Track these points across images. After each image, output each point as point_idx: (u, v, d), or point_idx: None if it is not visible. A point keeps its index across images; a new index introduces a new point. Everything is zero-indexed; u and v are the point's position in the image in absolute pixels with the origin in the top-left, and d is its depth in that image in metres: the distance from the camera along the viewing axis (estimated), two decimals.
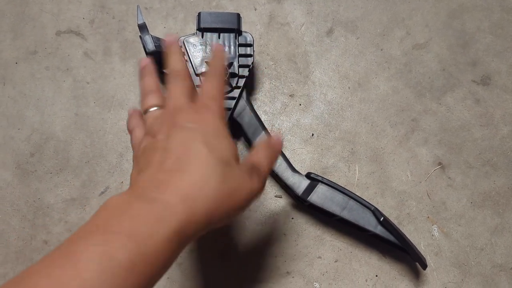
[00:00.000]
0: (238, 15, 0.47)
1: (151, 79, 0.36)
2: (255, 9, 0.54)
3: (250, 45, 0.47)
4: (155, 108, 0.34)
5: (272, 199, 0.48)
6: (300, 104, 0.52)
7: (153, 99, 0.34)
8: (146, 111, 0.34)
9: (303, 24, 0.54)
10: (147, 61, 0.36)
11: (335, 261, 0.46)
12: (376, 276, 0.46)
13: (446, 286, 0.46)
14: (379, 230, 0.43)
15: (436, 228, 0.48)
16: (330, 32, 0.54)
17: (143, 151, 0.30)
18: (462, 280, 0.46)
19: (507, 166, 0.50)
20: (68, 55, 0.52)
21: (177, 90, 0.33)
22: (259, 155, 0.32)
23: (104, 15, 0.53)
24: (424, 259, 0.43)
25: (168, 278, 0.45)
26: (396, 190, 0.49)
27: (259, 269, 0.46)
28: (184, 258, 0.46)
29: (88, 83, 0.51)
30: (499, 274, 0.47)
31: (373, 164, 0.50)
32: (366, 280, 0.46)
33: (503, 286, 0.46)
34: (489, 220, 0.48)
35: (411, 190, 0.49)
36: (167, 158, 0.27)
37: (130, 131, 0.36)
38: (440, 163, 0.50)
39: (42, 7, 0.53)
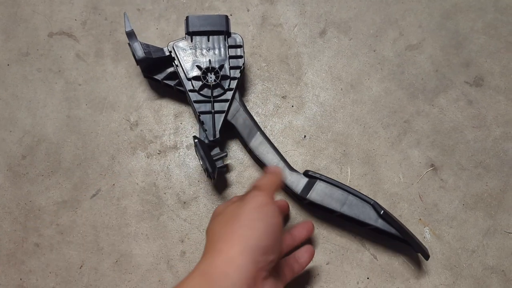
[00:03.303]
0: (226, 17, 0.46)
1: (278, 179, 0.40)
2: (248, 10, 0.54)
3: (240, 46, 0.47)
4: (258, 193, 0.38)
5: None
6: (292, 106, 0.51)
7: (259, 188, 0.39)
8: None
9: (296, 25, 0.54)
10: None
11: (327, 264, 0.46)
12: (368, 278, 0.46)
13: None
14: (380, 223, 0.43)
15: (427, 230, 0.48)
16: (323, 33, 0.54)
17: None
18: (454, 282, 0.46)
19: (499, 168, 0.50)
20: (60, 56, 0.52)
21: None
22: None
23: (96, 16, 0.53)
24: (426, 249, 0.43)
25: (159, 281, 0.45)
26: (388, 192, 0.49)
27: None
28: (176, 260, 0.46)
29: (80, 85, 0.51)
30: (491, 276, 0.46)
31: (365, 166, 0.50)
32: (358, 283, 0.46)
33: None
34: (481, 222, 0.48)
35: (403, 192, 0.49)
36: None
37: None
38: (432, 165, 0.50)
39: (34, 9, 0.53)
